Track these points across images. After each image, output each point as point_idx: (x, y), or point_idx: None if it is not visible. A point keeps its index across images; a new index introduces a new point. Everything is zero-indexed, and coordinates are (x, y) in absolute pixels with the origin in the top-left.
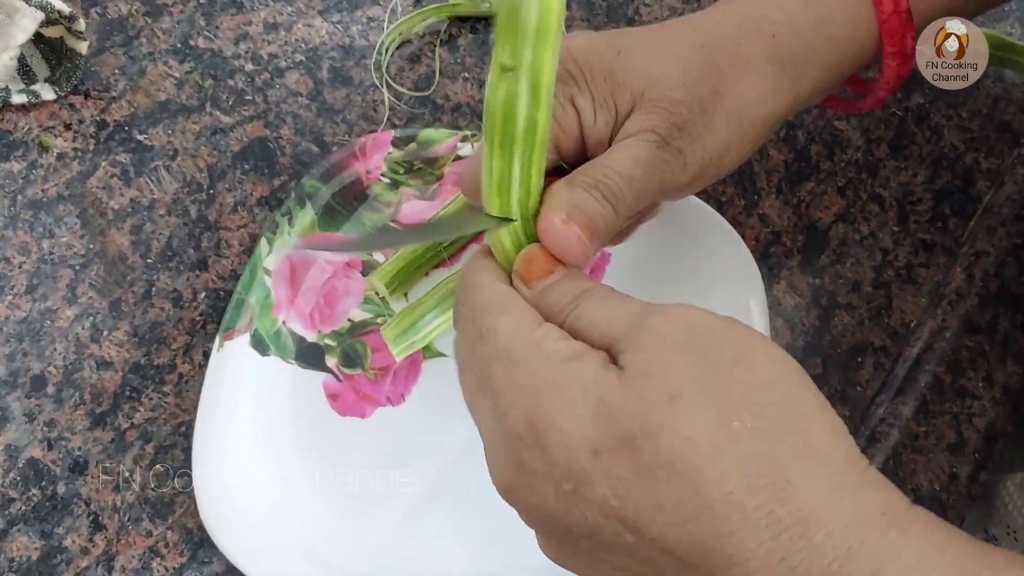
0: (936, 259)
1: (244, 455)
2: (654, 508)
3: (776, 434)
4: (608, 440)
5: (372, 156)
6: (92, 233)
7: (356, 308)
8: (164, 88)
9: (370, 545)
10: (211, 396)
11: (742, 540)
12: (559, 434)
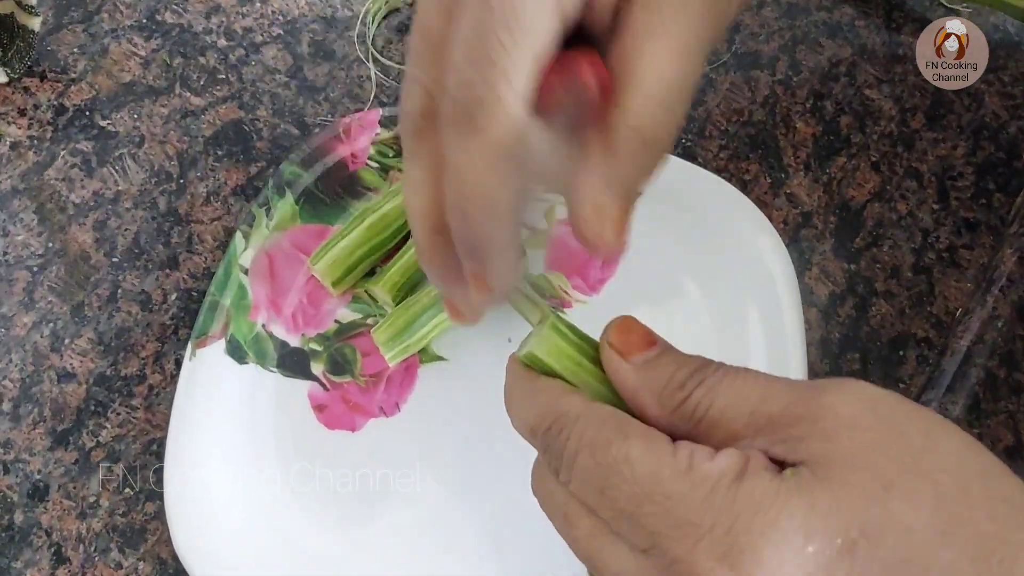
0: (981, 239)
1: (222, 476)
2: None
3: (989, 503)
4: (824, 558)
5: (358, 138)
6: (51, 230)
7: (344, 308)
8: (128, 68)
9: (364, 573)
10: (184, 410)
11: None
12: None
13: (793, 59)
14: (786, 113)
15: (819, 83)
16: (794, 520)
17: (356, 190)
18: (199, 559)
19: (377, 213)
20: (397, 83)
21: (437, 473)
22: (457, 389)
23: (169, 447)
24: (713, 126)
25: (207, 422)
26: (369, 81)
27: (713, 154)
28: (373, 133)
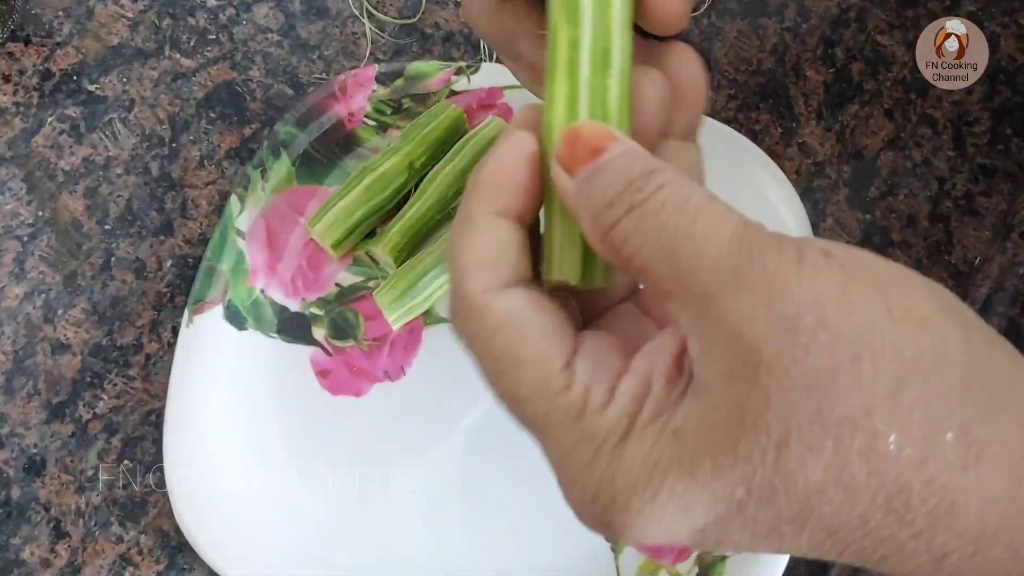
0: (999, 186)
1: (223, 445)
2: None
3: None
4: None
5: (354, 96)
6: (40, 198)
7: (344, 271)
8: (116, 30)
9: (368, 542)
10: (182, 379)
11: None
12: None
13: (802, 5)
14: (796, 61)
15: (829, 29)
16: (672, 494)
17: (354, 149)
18: (202, 530)
19: (376, 172)
20: (393, 38)
21: (444, 436)
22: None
23: (168, 417)
24: (721, 76)
25: (207, 390)
26: (364, 38)
27: (722, 104)
28: (369, 90)
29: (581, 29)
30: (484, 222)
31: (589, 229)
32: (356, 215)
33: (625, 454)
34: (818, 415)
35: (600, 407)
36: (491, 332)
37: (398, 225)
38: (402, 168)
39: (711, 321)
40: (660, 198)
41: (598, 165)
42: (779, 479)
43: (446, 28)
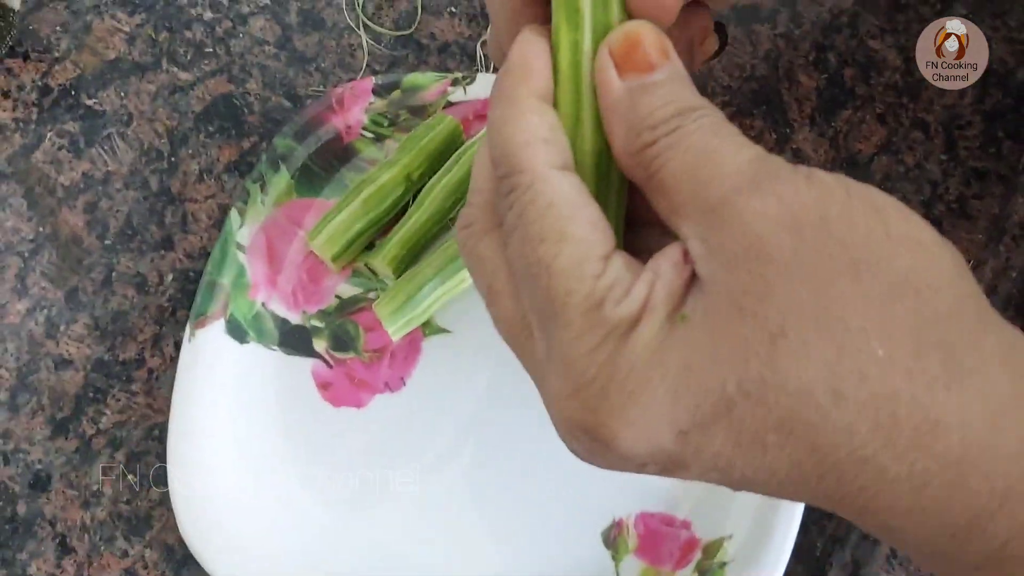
0: (991, 189)
1: (226, 459)
2: (766, 473)
3: (915, 359)
4: (697, 415)
5: (351, 108)
6: (41, 214)
7: (344, 283)
8: (113, 44)
9: (374, 552)
10: (185, 393)
11: (876, 496)
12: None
13: (794, 11)
14: (789, 67)
15: (821, 35)
16: (666, 380)
17: (352, 161)
18: (207, 543)
19: (374, 185)
20: (389, 50)
21: (445, 447)
22: (463, 361)
23: (172, 431)
24: (715, 82)
25: (209, 404)
26: (360, 49)
27: None
28: (366, 102)
29: (582, 32)
30: (531, 103)
31: (622, 138)
32: (355, 228)
33: (630, 339)
34: (815, 311)
35: (617, 300)
36: (546, 204)
37: (396, 237)
38: (400, 180)
39: (720, 221)
40: (697, 126)
41: (650, 82)
42: (770, 373)
43: (442, 38)
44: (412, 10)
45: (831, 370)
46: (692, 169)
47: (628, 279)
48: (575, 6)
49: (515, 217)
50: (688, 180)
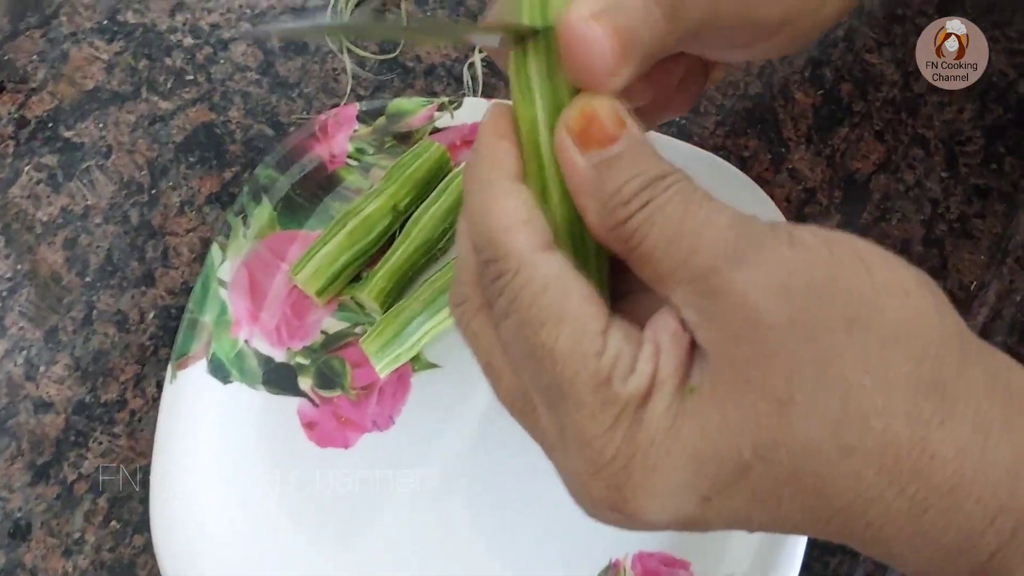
0: (993, 207)
1: (211, 503)
2: (781, 521)
3: (912, 403)
4: (718, 482)
5: (335, 135)
6: (18, 251)
7: (330, 317)
8: (91, 74)
9: None
10: (167, 437)
11: (881, 528)
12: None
13: None
14: (783, 84)
15: (816, 50)
16: (686, 450)
17: (336, 190)
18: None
19: (359, 216)
20: (374, 75)
21: (434, 487)
22: (453, 397)
23: (154, 476)
24: (708, 101)
25: (193, 447)
26: (344, 74)
27: (710, 131)
28: (351, 129)
29: (536, 108)
30: (507, 185)
31: (596, 215)
32: (340, 261)
33: (644, 415)
34: (817, 373)
35: (624, 375)
36: (540, 288)
37: (383, 270)
38: (386, 211)
39: (711, 291)
40: (668, 196)
41: (612, 155)
42: (783, 436)
43: (427, 61)
44: None
45: (838, 426)
46: (672, 242)
47: (629, 351)
48: (527, 83)
49: (507, 303)
50: (670, 253)
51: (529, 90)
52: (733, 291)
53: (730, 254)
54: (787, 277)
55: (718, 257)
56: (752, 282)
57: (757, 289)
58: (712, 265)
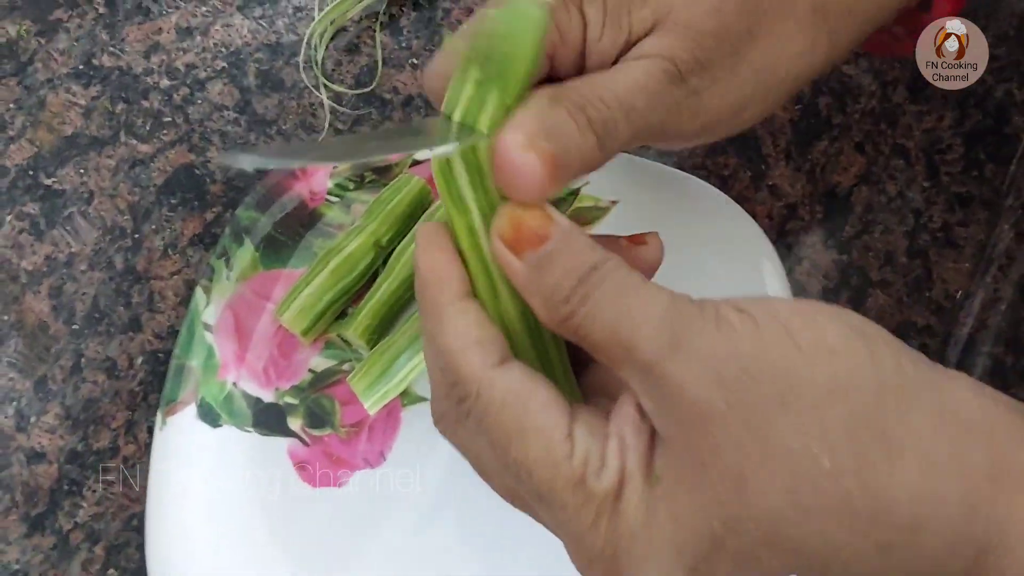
0: (976, 215)
1: (206, 548)
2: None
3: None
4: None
5: (315, 173)
6: (4, 301)
7: (317, 356)
8: (69, 119)
9: None
10: (159, 483)
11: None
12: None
13: None
14: None
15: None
16: (664, 535)
17: (318, 228)
18: None
19: (342, 254)
20: (351, 109)
21: (430, 521)
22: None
23: (149, 523)
24: None
25: (186, 493)
26: (322, 108)
27: (688, 151)
28: (331, 166)
29: (471, 215)
30: (455, 308)
31: (543, 312)
32: (324, 299)
33: (620, 509)
34: (763, 450)
35: (596, 472)
36: (499, 407)
37: (368, 306)
38: (368, 247)
39: (655, 383)
40: (604, 290)
41: (546, 254)
42: (744, 510)
43: (404, 92)
44: (372, 64)
45: (792, 493)
46: (614, 335)
47: (597, 447)
48: (458, 192)
49: (475, 424)
50: (614, 345)
51: (461, 200)
52: (673, 383)
53: (664, 344)
54: (718, 365)
55: (655, 351)
56: (688, 374)
57: (693, 381)
58: (651, 359)
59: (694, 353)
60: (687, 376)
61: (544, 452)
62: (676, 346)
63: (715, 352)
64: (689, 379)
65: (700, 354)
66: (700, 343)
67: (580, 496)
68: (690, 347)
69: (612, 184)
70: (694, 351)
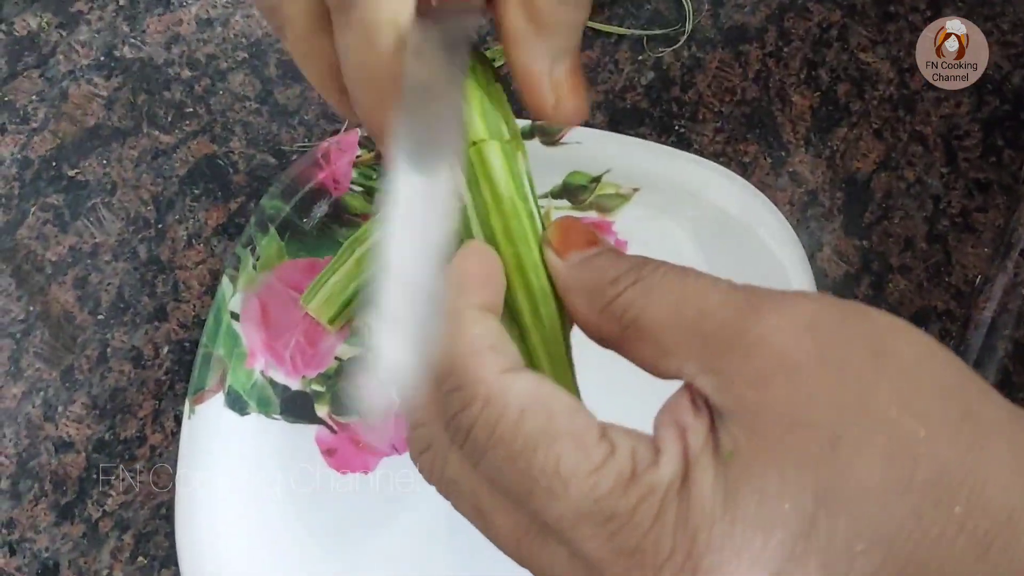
0: (995, 200)
1: (235, 536)
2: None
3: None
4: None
5: (338, 162)
6: (30, 292)
7: (343, 344)
8: (91, 111)
9: None
10: (188, 471)
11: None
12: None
13: (781, 28)
14: (780, 87)
15: (811, 51)
16: (748, 518)
17: (342, 217)
18: None
19: (366, 244)
20: None
21: None
22: None
23: (178, 511)
24: (706, 108)
25: (214, 481)
26: None
27: (709, 138)
28: (353, 155)
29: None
30: (473, 314)
31: (584, 304)
32: (350, 288)
33: (692, 493)
34: (857, 407)
35: (651, 463)
36: (517, 413)
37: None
38: None
39: (729, 347)
40: (661, 270)
41: (594, 252)
42: (840, 478)
43: None
44: None
45: (890, 460)
46: (675, 310)
47: (644, 442)
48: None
49: (485, 437)
50: (674, 321)
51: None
52: (755, 340)
53: (743, 308)
54: (807, 317)
55: (732, 314)
56: (774, 327)
57: (781, 332)
58: (727, 321)
59: (778, 309)
60: (773, 328)
61: (580, 456)
62: (755, 307)
63: (799, 308)
64: (775, 331)
65: (786, 308)
66: (781, 303)
67: (634, 495)
68: (772, 304)
69: (633, 171)
70: (777, 307)
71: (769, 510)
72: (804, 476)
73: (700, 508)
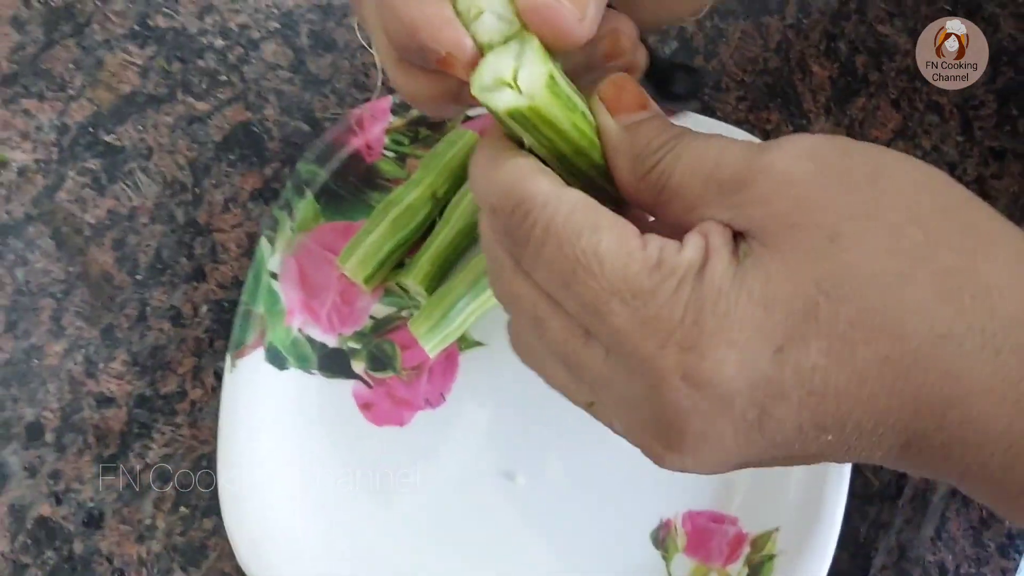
0: (1009, 168)
1: (276, 484)
2: (858, 383)
3: (952, 237)
4: (789, 323)
5: (370, 128)
6: (70, 254)
7: (377, 303)
8: (127, 78)
9: (427, 569)
10: (230, 423)
11: (959, 377)
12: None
13: (801, 1)
14: (801, 57)
15: (830, 23)
16: (753, 296)
17: (376, 182)
18: (264, 568)
19: (401, 205)
20: None
21: (490, 457)
22: (500, 373)
23: (220, 461)
24: (729, 78)
25: (255, 431)
26: (375, 68)
27: (732, 107)
28: (385, 122)
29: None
30: (516, 150)
31: (627, 170)
32: (385, 249)
33: (706, 275)
34: (855, 210)
35: (676, 251)
36: (568, 210)
37: (426, 255)
38: (426, 199)
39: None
40: (690, 137)
41: (643, 118)
42: (840, 267)
43: None
44: None
45: (890, 255)
46: (698, 164)
47: (673, 243)
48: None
49: (541, 233)
50: (697, 173)
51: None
52: (763, 170)
53: (752, 152)
54: (810, 147)
55: (742, 160)
56: (779, 156)
57: (783, 159)
58: (738, 165)
59: (783, 147)
60: (778, 157)
61: (618, 242)
62: (763, 148)
63: (804, 142)
64: (780, 158)
65: (791, 145)
66: (790, 141)
67: (657, 276)
68: (777, 144)
69: None
70: (783, 146)
71: (772, 290)
72: (805, 265)
73: (711, 285)
